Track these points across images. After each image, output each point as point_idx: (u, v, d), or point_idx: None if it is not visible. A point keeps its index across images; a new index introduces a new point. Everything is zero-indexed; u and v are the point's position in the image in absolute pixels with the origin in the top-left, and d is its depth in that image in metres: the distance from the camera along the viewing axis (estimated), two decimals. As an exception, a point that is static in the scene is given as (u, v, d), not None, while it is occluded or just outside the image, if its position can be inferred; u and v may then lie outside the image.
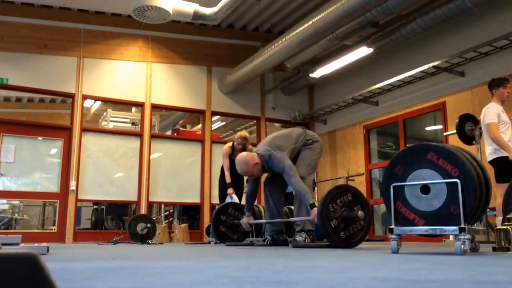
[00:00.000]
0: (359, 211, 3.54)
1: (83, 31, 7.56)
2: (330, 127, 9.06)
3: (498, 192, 4.41)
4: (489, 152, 4.51)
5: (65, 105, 9.11)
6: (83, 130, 7.44)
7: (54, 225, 7.82)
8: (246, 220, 4.56)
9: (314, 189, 7.56)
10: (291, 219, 4.14)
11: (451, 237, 5.39)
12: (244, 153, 4.35)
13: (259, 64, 7.53)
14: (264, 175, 4.50)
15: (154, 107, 8.06)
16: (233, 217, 5.23)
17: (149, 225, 6.16)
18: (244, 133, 6.06)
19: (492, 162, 4.50)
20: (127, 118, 9.21)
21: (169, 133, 9.54)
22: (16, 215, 8.84)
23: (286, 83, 8.93)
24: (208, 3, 6.83)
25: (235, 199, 5.77)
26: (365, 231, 3.66)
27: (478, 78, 6.25)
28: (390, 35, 6.63)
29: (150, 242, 5.93)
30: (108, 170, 7.53)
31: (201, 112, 8.49)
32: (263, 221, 4.39)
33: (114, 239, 6.35)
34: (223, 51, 8.62)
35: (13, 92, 8.67)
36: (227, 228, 5.22)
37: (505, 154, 4.36)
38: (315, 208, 3.68)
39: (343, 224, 3.54)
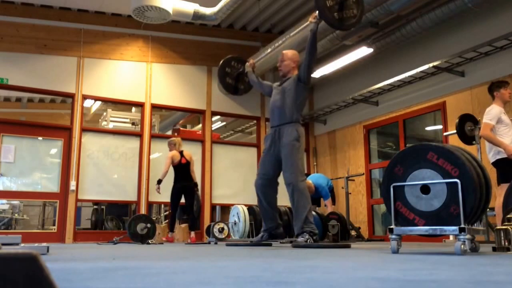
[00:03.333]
0: None
1: (83, 31, 7.56)
2: (330, 127, 9.06)
3: (497, 192, 4.41)
4: (491, 154, 4.51)
5: (65, 105, 9.13)
6: (83, 130, 7.43)
7: (54, 225, 7.82)
8: (252, 60, 4.91)
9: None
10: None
11: (451, 237, 5.40)
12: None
13: (259, 64, 7.51)
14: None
15: (154, 107, 8.05)
16: (237, 69, 5.33)
17: (149, 225, 6.16)
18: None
19: (494, 164, 4.50)
20: (127, 118, 9.21)
21: (169, 133, 9.54)
22: (16, 215, 8.85)
23: (286, 83, 8.91)
24: (208, 3, 6.83)
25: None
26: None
27: (478, 78, 6.25)
28: (390, 35, 6.63)
29: (150, 242, 5.93)
30: (108, 170, 7.52)
31: (201, 112, 8.49)
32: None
33: (114, 239, 6.35)
34: (223, 51, 8.59)
35: (13, 92, 8.68)
36: (233, 79, 5.30)
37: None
38: None
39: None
